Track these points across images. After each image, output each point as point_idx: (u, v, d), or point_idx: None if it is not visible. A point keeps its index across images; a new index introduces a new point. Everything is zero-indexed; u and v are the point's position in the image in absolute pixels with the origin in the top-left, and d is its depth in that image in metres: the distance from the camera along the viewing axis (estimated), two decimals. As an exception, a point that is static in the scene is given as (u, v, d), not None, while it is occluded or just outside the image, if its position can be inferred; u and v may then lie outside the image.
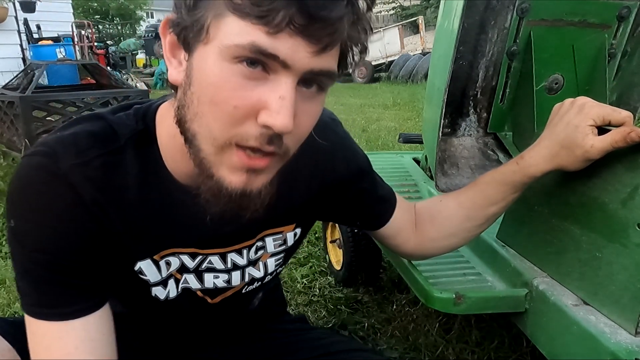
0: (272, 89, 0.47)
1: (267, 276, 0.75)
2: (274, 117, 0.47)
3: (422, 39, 9.85)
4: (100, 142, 0.57)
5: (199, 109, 0.49)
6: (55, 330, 0.55)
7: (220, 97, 0.48)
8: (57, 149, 0.54)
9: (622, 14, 1.10)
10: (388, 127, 4.59)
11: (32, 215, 0.54)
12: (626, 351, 0.64)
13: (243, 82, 0.47)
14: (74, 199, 0.54)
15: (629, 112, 0.67)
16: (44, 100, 3.36)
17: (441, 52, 1.16)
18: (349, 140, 0.76)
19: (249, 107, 0.48)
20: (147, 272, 0.63)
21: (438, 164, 1.14)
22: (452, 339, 1.33)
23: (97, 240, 0.57)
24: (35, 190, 0.54)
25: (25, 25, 6.47)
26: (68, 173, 0.54)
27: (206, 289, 0.69)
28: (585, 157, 0.68)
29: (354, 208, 0.79)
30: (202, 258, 0.66)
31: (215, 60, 0.47)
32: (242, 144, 0.49)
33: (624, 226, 0.68)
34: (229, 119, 0.48)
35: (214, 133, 0.49)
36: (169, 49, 0.53)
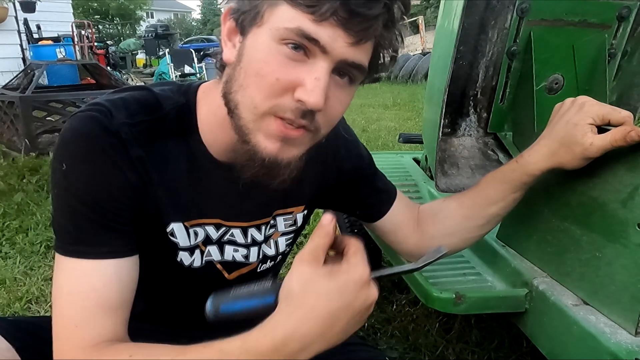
0: (309, 70, 0.54)
1: (279, 256, 0.78)
2: (308, 94, 0.54)
3: (422, 39, 9.85)
4: (147, 109, 0.63)
5: (244, 81, 0.56)
6: (88, 268, 0.59)
7: (265, 70, 0.55)
8: (110, 108, 0.60)
9: (622, 14, 1.10)
10: (388, 127, 4.60)
11: (85, 159, 0.58)
12: (626, 351, 0.64)
13: (286, 61, 0.54)
14: (123, 152, 0.59)
15: (629, 112, 0.67)
16: (44, 100, 3.37)
17: (441, 52, 1.16)
18: (351, 131, 0.83)
19: (288, 82, 0.55)
20: (179, 235, 0.67)
21: (438, 164, 1.14)
22: (452, 339, 1.33)
23: (138, 194, 0.61)
24: (90, 138, 0.58)
25: (25, 25, 6.48)
26: (119, 129, 0.59)
27: (225, 262, 0.73)
28: (584, 155, 0.68)
29: (354, 196, 0.83)
30: (225, 230, 0.71)
31: (265, 40, 0.55)
32: (279, 114, 0.56)
33: (624, 226, 0.68)
34: (270, 90, 0.55)
35: (255, 101, 0.56)
36: (226, 33, 0.60)
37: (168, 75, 7.69)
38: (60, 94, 3.64)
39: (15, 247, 1.99)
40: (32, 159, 3.08)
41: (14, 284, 1.68)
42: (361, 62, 0.56)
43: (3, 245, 2.02)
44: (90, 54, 7.84)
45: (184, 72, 8.10)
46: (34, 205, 2.43)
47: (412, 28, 10.83)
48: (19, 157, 3.13)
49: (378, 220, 0.84)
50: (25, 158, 3.09)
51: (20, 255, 1.91)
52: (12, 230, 2.15)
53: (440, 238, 0.83)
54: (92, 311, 0.58)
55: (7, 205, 2.40)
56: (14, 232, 2.13)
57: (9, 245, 2.02)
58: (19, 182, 2.74)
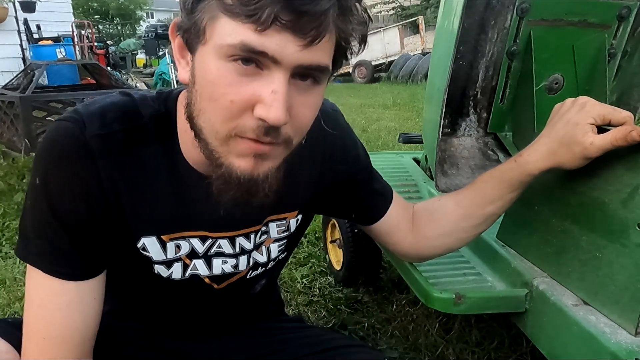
0: (264, 84, 0.50)
1: (271, 262, 0.76)
2: (267, 110, 0.50)
3: (422, 39, 9.85)
4: (125, 117, 0.61)
5: (201, 105, 0.53)
6: (53, 285, 0.60)
7: (217, 93, 0.51)
8: (85, 117, 0.59)
9: (622, 14, 1.10)
10: (388, 127, 4.60)
11: (54, 176, 0.58)
12: (626, 351, 0.64)
13: (238, 79, 0.50)
14: (91, 168, 0.58)
15: (629, 112, 0.67)
16: (44, 100, 3.36)
17: (441, 52, 1.16)
18: (349, 131, 0.79)
19: (244, 101, 0.51)
20: (151, 249, 0.65)
21: (438, 164, 1.14)
22: (452, 339, 1.33)
23: (105, 209, 0.60)
24: (60, 152, 0.58)
25: (25, 25, 6.47)
26: (90, 141, 0.58)
27: (214, 276, 0.71)
28: (583, 154, 0.68)
29: (350, 199, 0.80)
30: (212, 242, 0.68)
31: (212, 59, 0.51)
32: (241, 136, 0.53)
33: (624, 226, 0.68)
34: (227, 113, 0.52)
35: (215, 127, 0.53)
36: (177, 51, 0.57)
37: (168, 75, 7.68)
38: (60, 94, 3.64)
39: (15, 247, 1.99)
40: (32, 159, 3.07)
41: (14, 284, 1.68)
42: (320, 62, 0.51)
43: (3, 245, 2.02)
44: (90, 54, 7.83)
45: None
46: (34, 205, 2.42)
47: (412, 28, 10.84)
48: (19, 157, 3.13)
49: (375, 223, 0.82)
50: (25, 158, 3.09)
51: (20, 255, 1.91)
52: (12, 230, 2.14)
53: (435, 238, 0.82)
54: (58, 329, 0.60)
55: (7, 205, 2.40)
56: (14, 232, 2.13)
57: (9, 245, 2.02)
58: (19, 182, 2.73)
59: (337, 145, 0.75)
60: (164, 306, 0.77)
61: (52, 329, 0.60)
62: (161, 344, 0.80)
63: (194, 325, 0.80)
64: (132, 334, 0.79)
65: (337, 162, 0.76)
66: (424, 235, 0.82)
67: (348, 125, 0.80)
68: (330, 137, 0.74)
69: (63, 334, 0.60)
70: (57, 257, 0.60)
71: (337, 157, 0.75)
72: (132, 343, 0.78)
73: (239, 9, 0.47)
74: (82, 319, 0.61)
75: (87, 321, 0.62)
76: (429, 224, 0.82)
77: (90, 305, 0.63)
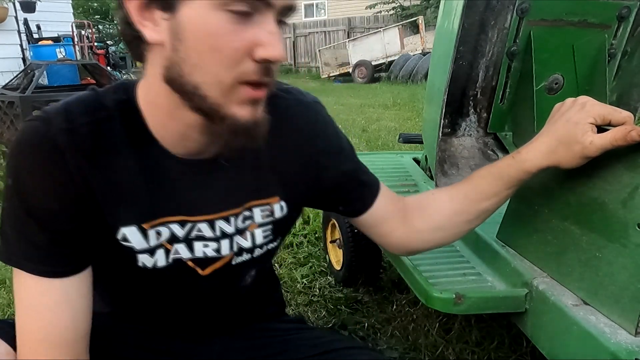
0: (260, 28, 0.54)
1: (256, 249, 0.74)
2: (269, 50, 0.54)
3: (422, 39, 9.86)
4: (89, 110, 0.61)
5: (198, 59, 0.54)
6: (37, 285, 0.60)
7: (220, 43, 0.53)
8: (50, 115, 0.59)
9: (622, 14, 1.11)
10: (388, 127, 4.59)
11: (25, 175, 0.58)
12: (626, 351, 0.64)
13: (236, 27, 0.53)
14: (60, 162, 0.58)
15: (629, 112, 0.67)
16: (44, 100, 3.36)
17: (441, 52, 1.16)
18: (333, 123, 0.79)
19: (245, 47, 0.54)
20: (132, 239, 0.64)
21: (438, 164, 1.15)
22: (452, 339, 1.33)
23: (79, 203, 0.60)
24: (29, 152, 0.58)
25: (25, 25, 6.47)
26: (57, 137, 0.58)
27: (197, 259, 0.70)
28: (583, 153, 0.68)
29: (336, 191, 0.79)
30: (192, 226, 0.68)
31: (206, 11, 0.53)
32: (245, 80, 0.55)
33: (624, 226, 0.68)
34: (231, 61, 0.54)
35: (219, 76, 0.55)
36: (136, 12, 0.56)
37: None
38: (61, 94, 3.64)
39: (15, 247, 1.99)
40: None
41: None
42: (296, 3, 0.58)
43: (3, 245, 2.02)
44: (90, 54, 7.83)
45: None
46: (34, 205, 2.42)
47: (412, 28, 10.84)
48: (19, 157, 3.13)
49: (362, 215, 0.80)
50: (25, 158, 3.09)
51: (20, 255, 1.91)
52: (12, 230, 2.14)
53: (427, 232, 0.81)
54: (49, 329, 0.61)
55: (7, 205, 2.40)
56: (14, 232, 2.13)
57: (9, 245, 2.02)
58: (19, 182, 2.73)
59: (319, 137, 0.75)
60: (157, 302, 0.76)
61: (43, 330, 0.60)
62: (161, 345, 0.80)
63: (192, 324, 0.80)
64: (132, 335, 0.78)
65: (320, 154, 0.75)
66: (415, 229, 0.81)
67: (330, 118, 0.79)
68: (312, 128, 0.74)
69: (55, 333, 0.61)
70: (38, 256, 0.60)
71: (319, 148, 0.75)
72: (133, 344, 0.78)
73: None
74: (71, 316, 0.62)
75: (77, 319, 0.62)
76: (421, 217, 0.81)
77: (79, 302, 0.63)
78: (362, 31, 12.33)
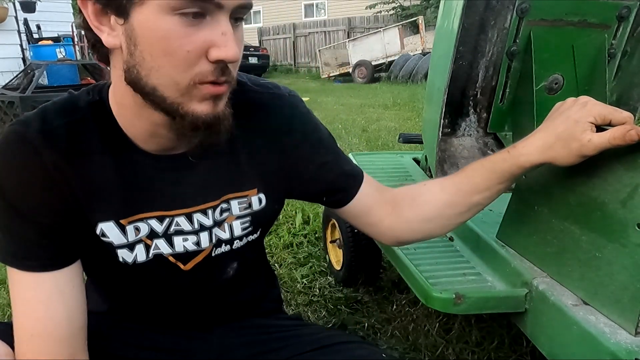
0: (213, 29, 0.55)
1: (235, 240, 0.75)
2: (224, 51, 0.55)
3: (422, 39, 9.86)
4: (64, 112, 0.64)
5: (153, 63, 0.55)
6: (29, 280, 0.62)
7: (172, 47, 0.54)
8: (29, 119, 0.62)
9: (622, 14, 1.11)
10: (388, 127, 4.60)
11: (8, 175, 0.61)
12: (626, 351, 0.64)
13: (187, 30, 0.54)
14: (38, 162, 0.60)
15: (629, 112, 0.67)
16: (44, 100, 3.35)
17: (441, 52, 1.16)
18: (310, 115, 0.80)
19: (199, 49, 0.55)
20: (110, 234, 0.66)
21: (438, 164, 1.15)
22: (452, 339, 1.33)
23: (59, 201, 0.62)
24: (10, 153, 0.61)
25: (25, 25, 6.47)
26: (34, 138, 0.60)
27: (177, 254, 0.71)
28: (580, 151, 0.67)
29: (318, 182, 0.79)
30: (170, 220, 0.69)
31: (158, 16, 0.53)
32: (202, 81, 0.56)
33: (623, 226, 0.68)
34: (184, 63, 0.55)
35: (175, 79, 0.56)
36: (93, 17, 0.57)
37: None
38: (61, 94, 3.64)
39: (15, 247, 1.99)
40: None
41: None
42: (250, 2, 0.58)
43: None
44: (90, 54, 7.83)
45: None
46: (34, 205, 2.42)
47: (412, 28, 10.84)
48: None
49: (346, 205, 0.80)
50: (25, 158, 3.09)
51: (20, 255, 1.91)
52: (12, 230, 2.15)
53: (416, 223, 0.81)
54: (44, 323, 0.62)
55: (7, 205, 2.40)
56: (14, 232, 2.13)
57: (9, 245, 2.02)
58: (19, 182, 2.73)
59: (296, 129, 0.76)
60: (144, 297, 0.77)
61: (38, 324, 0.61)
62: (159, 343, 0.80)
63: (184, 318, 0.80)
64: (130, 333, 0.79)
65: (297, 146, 0.76)
66: (405, 219, 0.80)
67: (307, 109, 0.80)
68: (288, 120, 0.75)
69: (50, 327, 0.61)
70: (27, 251, 0.62)
71: (296, 140, 0.76)
72: (131, 343, 0.78)
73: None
74: (65, 309, 0.63)
75: (71, 311, 0.63)
76: (411, 208, 0.80)
77: (71, 295, 0.64)
78: (362, 31, 12.35)
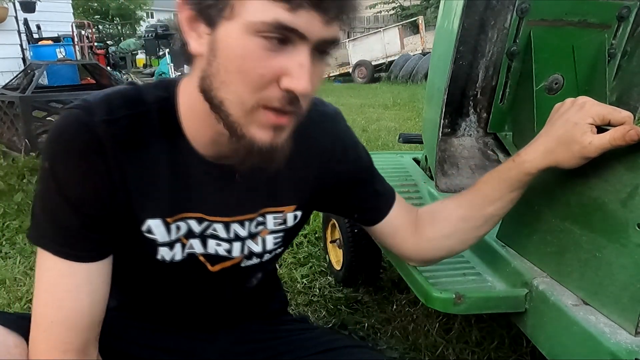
0: (291, 58, 0.54)
1: (266, 254, 0.76)
2: (295, 83, 0.54)
3: (422, 39, 9.85)
4: (129, 103, 0.63)
5: (226, 77, 0.56)
6: (62, 268, 0.61)
7: (247, 67, 0.54)
8: (92, 105, 0.61)
9: (622, 14, 1.11)
10: (388, 127, 4.60)
11: (65, 160, 0.60)
12: (626, 351, 0.64)
13: (266, 54, 0.54)
14: (99, 151, 0.60)
15: (629, 112, 0.66)
16: (44, 100, 3.36)
17: (441, 52, 1.16)
18: (351, 133, 0.81)
19: (272, 74, 0.55)
20: (156, 231, 0.66)
21: (438, 164, 1.15)
22: (452, 339, 1.33)
23: (112, 192, 0.62)
24: (70, 137, 0.60)
25: (25, 25, 6.47)
26: (98, 126, 0.60)
27: (208, 254, 0.72)
28: (582, 153, 0.68)
29: (351, 199, 0.81)
30: (208, 224, 0.70)
31: (240, 34, 0.54)
32: (267, 105, 0.56)
33: (624, 226, 0.68)
34: (255, 85, 0.55)
35: (242, 98, 0.56)
36: (186, 22, 0.58)
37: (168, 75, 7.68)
38: (61, 94, 3.64)
39: (15, 247, 1.99)
40: (32, 159, 3.07)
41: (14, 284, 1.68)
42: (336, 36, 0.57)
43: (3, 245, 2.02)
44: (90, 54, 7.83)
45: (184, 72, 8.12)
46: (34, 205, 2.42)
47: (412, 28, 10.84)
48: (19, 157, 3.13)
49: (377, 224, 0.83)
50: (25, 158, 3.09)
51: (20, 255, 1.91)
52: (12, 230, 2.14)
53: (437, 240, 0.83)
54: (67, 312, 0.61)
55: (7, 205, 2.40)
56: (14, 232, 2.13)
57: (9, 245, 2.02)
58: (19, 182, 2.73)
59: (337, 146, 0.77)
60: (165, 295, 0.78)
61: (60, 312, 0.61)
62: (164, 343, 0.80)
63: (196, 319, 0.81)
64: (137, 332, 0.79)
65: (337, 163, 0.77)
66: (426, 237, 0.83)
67: (349, 127, 0.82)
68: (331, 138, 0.76)
69: (71, 317, 0.61)
70: (66, 238, 0.61)
71: (337, 157, 0.77)
72: (137, 341, 0.79)
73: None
74: (90, 302, 0.63)
75: (94, 305, 0.63)
76: (431, 225, 0.82)
77: (99, 288, 0.64)
78: (362, 31, 12.33)
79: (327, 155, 0.76)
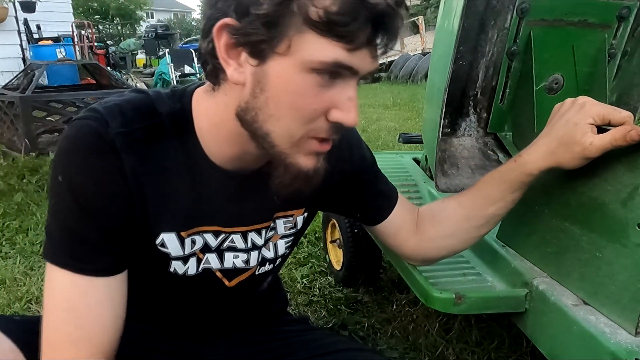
0: (340, 92, 0.56)
1: (278, 259, 0.78)
2: (345, 116, 0.56)
3: (422, 39, 9.85)
4: (143, 115, 0.62)
5: (277, 112, 0.56)
6: (81, 284, 0.59)
7: (301, 103, 0.55)
8: (106, 116, 0.59)
9: (622, 14, 1.10)
10: (388, 127, 4.59)
11: (81, 172, 0.58)
12: (626, 351, 0.64)
13: (319, 89, 0.55)
14: (116, 164, 0.59)
15: (629, 112, 0.66)
16: (44, 100, 3.37)
17: (441, 52, 1.16)
18: (356, 133, 0.82)
19: (323, 108, 0.56)
20: (170, 245, 0.66)
21: (438, 164, 1.14)
22: (452, 339, 1.33)
23: (129, 206, 0.61)
24: (86, 150, 0.58)
25: (25, 25, 6.47)
26: (115, 139, 0.58)
27: (225, 269, 0.72)
28: (583, 154, 0.68)
29: (355, 198, 0.82)
30: (225, 236, 0.70)
31: (295, 70, 0.54)
32: (315, 136, 0.58)
33: (624, 226, 0.68)
34: (306, 119, 0.57)
35: (291, 131, 0.57)
36: (225, 50, 0.56)
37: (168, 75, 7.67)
38: (61, 94, 3.64)
39: (15, 247, 1.99)
40: (32, 159, 3.08)
41: (14, 284, 1.68)
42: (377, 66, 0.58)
43: (3, 245, 2.02)
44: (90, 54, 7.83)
45: (184, 72, 8.09)
46: (34, 205, 2.43)
47: (412, 28, 10.83)
48: (19, 157, 3.13)
49: (379, 224, 0.83)
50: (25, 158, 3.09)
51: (20, 255, 1.91)
52: (12, 230, 2.14)
53: (438, 240, 0.83)
54: (89, 329, 0.59)
55: (7, 205, 2.40)
56: (14, 232, 2.13)
57: (9, 245, 2.02)
58: (19, 182, 2.74)
59: (342, 145, 0.77)
60: (174, 305, 0.77)
61: (82, 331, 0.59)
62: (165, 346, 0.80)
63: (201, 325, 0.81)
64: (137, 335, 0.79)
65: (343, 162, 0.77)
66: (427, 237, 0.83)
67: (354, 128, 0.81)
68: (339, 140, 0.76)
69: (94, 334, 0.60)
70: (85, 253, 0.59)
71: (342, 157, 0.77)
72: (137, 345, 0.78)
73: (332, 30, 0.51)
74: (112, 316, 0.61)
75: (117, 319, 0.62)
76: (432, 225, 0.83)
77: (120, 302, 0.62)
78: (362, 31, 12.30)
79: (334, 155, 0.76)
